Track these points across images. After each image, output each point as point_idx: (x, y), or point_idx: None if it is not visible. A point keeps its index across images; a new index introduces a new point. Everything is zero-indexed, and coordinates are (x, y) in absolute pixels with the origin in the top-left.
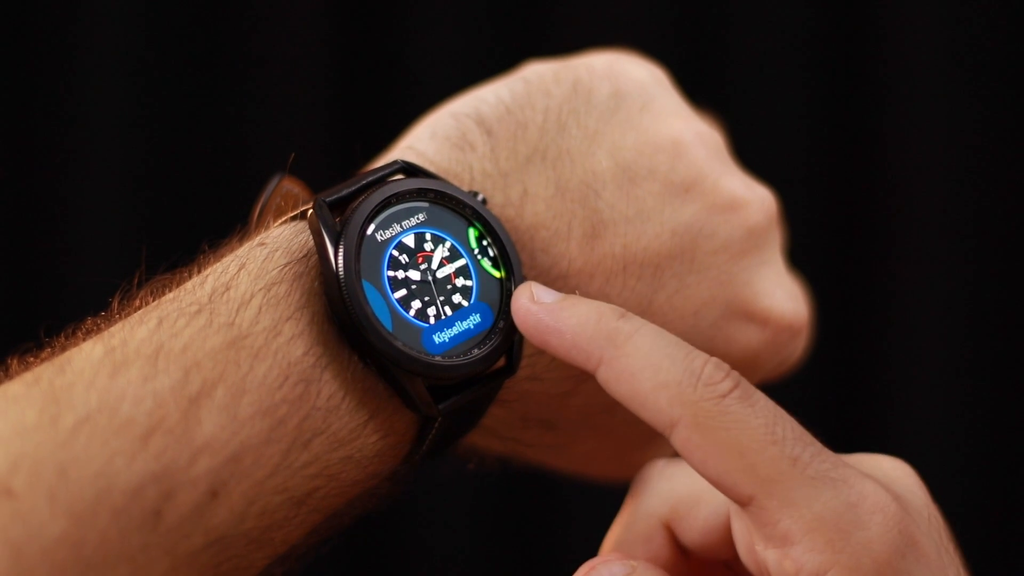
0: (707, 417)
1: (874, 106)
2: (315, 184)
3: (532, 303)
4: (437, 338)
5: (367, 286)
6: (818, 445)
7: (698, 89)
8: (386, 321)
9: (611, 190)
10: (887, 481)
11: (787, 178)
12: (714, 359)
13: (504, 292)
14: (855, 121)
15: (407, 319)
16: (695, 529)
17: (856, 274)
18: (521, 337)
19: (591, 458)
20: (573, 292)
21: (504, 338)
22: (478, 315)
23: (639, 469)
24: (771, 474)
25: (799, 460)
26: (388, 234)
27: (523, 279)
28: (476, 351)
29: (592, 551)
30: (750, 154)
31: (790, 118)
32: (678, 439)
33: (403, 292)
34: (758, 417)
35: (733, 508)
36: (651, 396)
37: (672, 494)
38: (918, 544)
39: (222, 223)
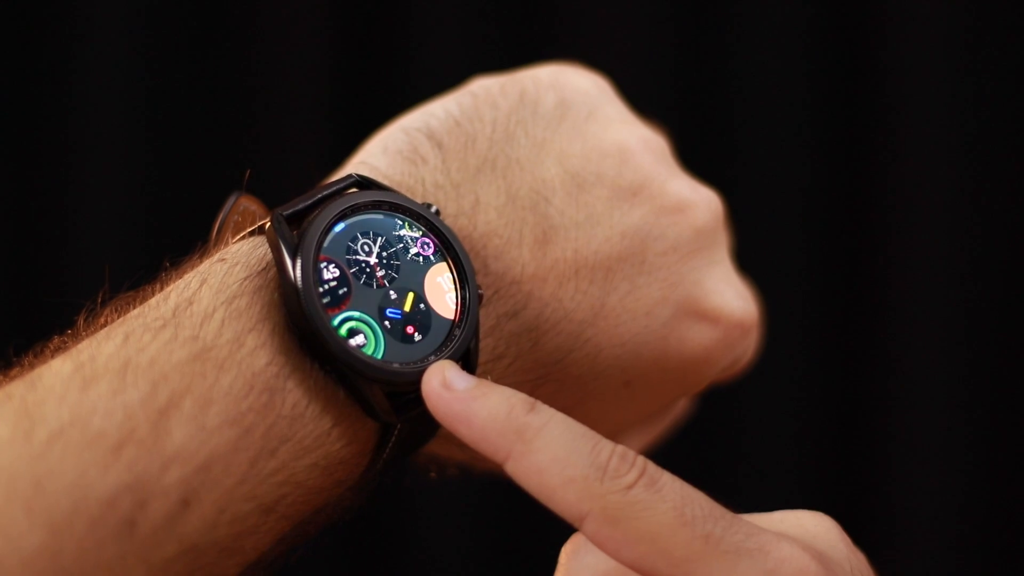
0: (615, 509)
1: (876, 107)
2: (276, 200)
3: (443, 389)
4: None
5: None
6: (729, 517)
7: (700, 91)
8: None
9: (560, 196)
10: (808, 539)
11: (789, 179)
12: (619, 449)
13: (459, 300)
14: (856, 123)
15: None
16: None
17: (857, 275)
18: (477, 343)
19: None
20: (489, 376)
21: (460, 345)
22: (434, 323)
23: None
24: (686, 555)
25: (711, 536)
26: None
27: (477, 288)
28: (433, 358)
29: None
30: (750, 157)
31: (792, 119)
32: (589, 531)
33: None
34: (665, 502)
35: None
36: (559, 491)
37: (600, 568)
38: None
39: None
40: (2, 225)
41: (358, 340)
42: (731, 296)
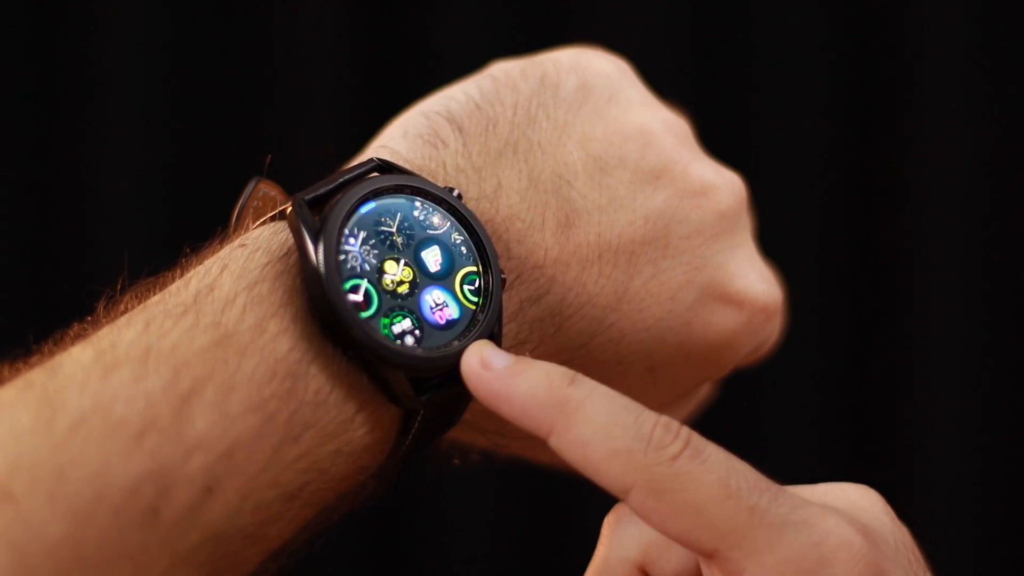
0: (660, 481)
1: (898, 93)
2: (296, 186)
3: (482, 368)
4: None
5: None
6: (775, 489)
7: (718, 76)
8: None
9: (583, 180)
10: (853, 512)
11: (807, 180)
12: (663, 419)
13: (482, 285)
14: (878, 108)
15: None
16: (668, 572)
17: (876, 276)
18: (500, 328)
19: None
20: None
21: (483, 331)
22: (458, 308)
23: None
24: (731, 527)
25: (757, 508)
26: None
27: (500, 272)
28: (456, 343)
29: None
30: (768, 156)
31: (810, 119)
32: (634, 504)
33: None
34: (711, 473)
35: (701, 557)
36: (603, 464)
37: (643, 538)
38: (886, 574)
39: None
40: (22, 212)
41: (357, 297)
42: (755, 279)
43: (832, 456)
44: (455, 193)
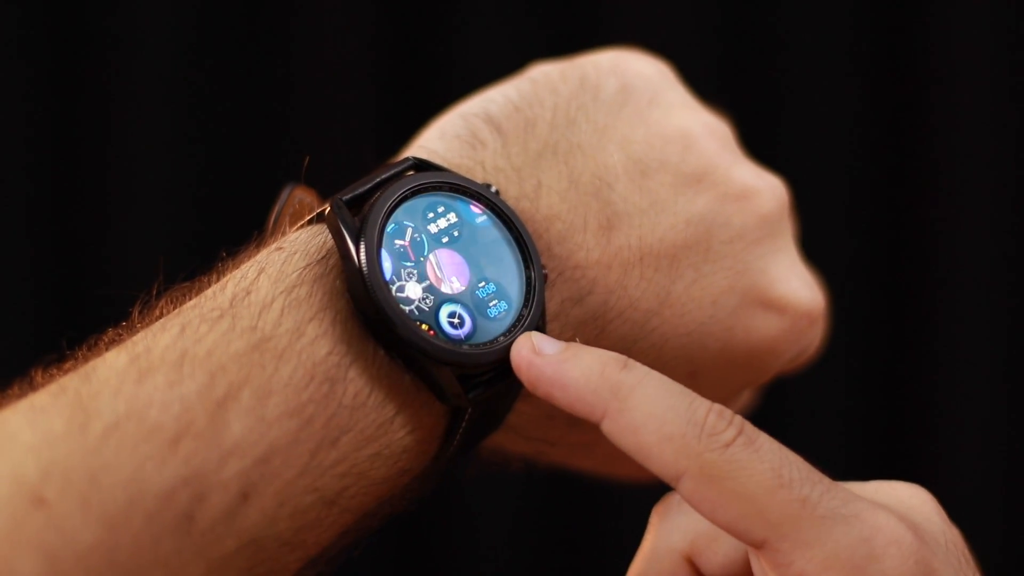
0: (713, 467)
1: (923, 108)
2: (331, 193)
3: (534, 355)
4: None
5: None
6: (827, 482)
7: (743, 89)
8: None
9: (624, 183)
10: (904, 510)
11: (832, 180)
12: (716, 406)
13: (525, 281)
14: (903, 123)
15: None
16: (716, 563)
17: (902, 277)
18: (544, 324)
19: (617, 455)
20: (576, 338)
21: (528, 327)
22: (503, 304)
23: None
24: (781, 518)
25: (808, 500)
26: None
27: (543, 268)
28: (502, 339)
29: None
30: (791, 156)
31: (837, 121)
32: (685, 490)
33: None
34: (763, 462)
35: (749, 548)
36: (656, 449)
37: (691, 528)
38: (936, 573)
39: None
40: (55, 216)
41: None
42: (798, 285)
43: (861, 458)
44: (493, 190)
